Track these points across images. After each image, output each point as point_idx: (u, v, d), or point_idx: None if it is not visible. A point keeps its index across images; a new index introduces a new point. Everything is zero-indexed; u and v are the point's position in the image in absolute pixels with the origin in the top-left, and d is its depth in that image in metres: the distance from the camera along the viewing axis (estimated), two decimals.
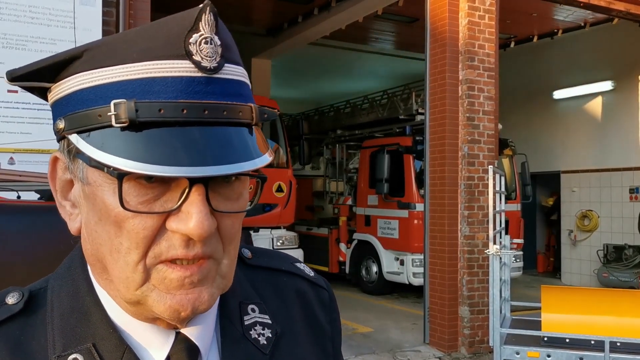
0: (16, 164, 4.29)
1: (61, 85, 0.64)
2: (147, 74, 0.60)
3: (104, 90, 0.60)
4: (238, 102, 0.64)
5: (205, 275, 0.63)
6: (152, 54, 0.60)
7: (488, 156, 7.03)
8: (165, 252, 0.61)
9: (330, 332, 0.84)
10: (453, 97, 6.97)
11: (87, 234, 0.66)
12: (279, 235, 8.82)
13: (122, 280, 0.62)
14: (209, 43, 0.61)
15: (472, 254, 6.89)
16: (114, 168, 0.58)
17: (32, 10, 4.45)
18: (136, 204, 0.60)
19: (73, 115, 0.62)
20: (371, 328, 8.00)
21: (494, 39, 7.11)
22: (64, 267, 0.71)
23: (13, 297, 0.67)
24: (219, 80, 0.62)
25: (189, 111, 0.60)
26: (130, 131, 0.59)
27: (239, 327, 0.73)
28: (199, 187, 0.60)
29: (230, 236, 0.65)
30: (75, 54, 0.63)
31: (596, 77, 11.69)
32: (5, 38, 4.36)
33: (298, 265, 0.87)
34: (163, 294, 0.61)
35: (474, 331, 6.86)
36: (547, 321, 4.52)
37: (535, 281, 11.90)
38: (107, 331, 0.65)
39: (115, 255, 0.62)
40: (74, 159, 0.65)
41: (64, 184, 0.68)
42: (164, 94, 0.59)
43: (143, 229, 0.60)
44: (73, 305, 0.66)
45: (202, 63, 0.60)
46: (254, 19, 10.96)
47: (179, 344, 0.67)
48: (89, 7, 4.60)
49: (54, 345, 0.64)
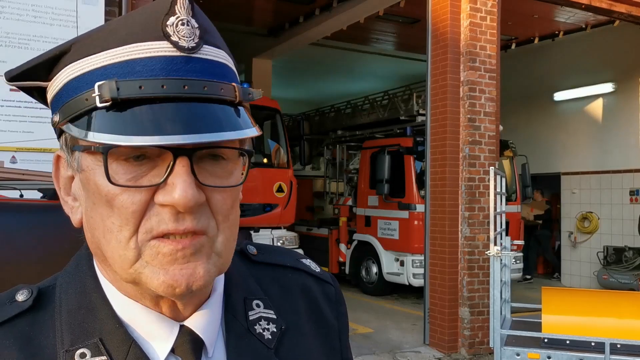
0: (18, 163, 4.30)
1: (55, 81, 0.67)
2: (128, 56, 0.63)
3: (90, 76, 0.63)
4: (220, 80, 0.65)
5: (198, 249, 0.63)
6: (132, 38, 0.63)
7: (489, 157, 7.03)
8: (155, 227, 0.62)
9: (337, 327, 0.85)
10: (454, 98, 6.98)
11: (87, 223, 0.68)
12: (279, 235, 8.82)
13: (116, 260, 0.63)
14: (185, 25, 0.63)
15: (472, 255, 6.89)
16: (99, 144, 0.61)
17: (35, 9, 4.46)
18: (124, 181, 0.62)
19: (65, 106, 0.65)
20: (371, 329, 8.01)
21: (496, 41, 7.11)
22: (71, 265, 0.73)
23: (22, 294, 0.69)
24: (199, 60, 0.64)
25: (168, 87, 0.61)
26: (115, 111, 0.62)
27: (243, 322, 0.74)
28: (183, 159, 0.61)
29: (223, 212, 0.66)
30: (65, 48, 0.66)
31: (597, 79, 11.70)
32: (7, 37, 4.37)
33: (304, 261, 0.88)
34: (156, 269, 0.62)
35: (474, 332, 6.86)
36: (548, 323, 4.52)
37: (535, 283, 11.91)
38: (113, 326, 0.66)
39: (108, 236, 0.63)
40: (71, 152, 0.67)
41: (66, 181, 0.71)
42: (144, 73, 0.62)
43: (132, 204, 0.62)
44: (80, 301, 0.68)
45: (179, 43, 0.63)
46: (255, 19, 10.97)
47: (183, 336, 0.68)
48: (92, 6, 4.60)
49: (62, 340, 0.65)
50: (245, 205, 8.36)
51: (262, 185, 8.60)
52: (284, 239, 8.81)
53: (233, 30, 10.83)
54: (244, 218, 8.27)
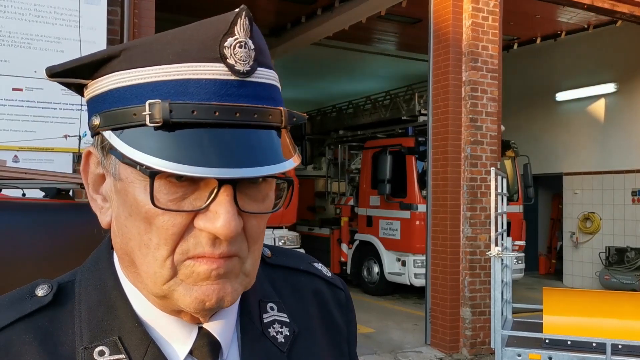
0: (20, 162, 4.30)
1: (98, 82, 0.66)
2: (182, 75, 0.61)
3: (140, 89, 0.62)
4: (269, 105, 0.65)
5: (231, 269, 0.64)
6: (187, 56, 0.62)
7: (491, 157, 7.02)
8: (192, 249, 0.62)
9: (346, 333, 0.85)
10: (456, 98, 6.97)
11: (117, 228, 0.67)
12: (280, 235, 8.82)
13: (150, 275, 0.64)
14: (243, 47, 0.63)
15: (474, 255, 6.89)
16: (146, 166, 0.60)
17: (37, 8, 4.47)
18: (166, 202, 0.61)
19: (108, 113, 0.64)
20: (372, 329, 8.01)
21: (498, 41, 7.11)
22: (91, 260, 0.73)
23: (42, 289, 0.69)
24: (251, 84, 0.64)
25: (221, 113, 0.61)
26: (164, 131, 0.61)
27: (258, 324, 0.74)
28: (228, 188, 0.61)
29: (255, 236, 0.66)
30: (113, 53, 0.64)
31: (599, 79, 11.68)
32: (10, 36, 4.38)
33: (316, 265, 0.89)
34: (190, 286, 0.63)
35: (475, 332, 6.86)
36: (549, 323, 4.52)
37: (537, 283, 11.90)
38: (132, 325, 0.67)
39: (144, 250, 0.63)
40: (107, 155, 0.66)
41: (96, 178, 0.70)
42: (197, 95, 0.61)
43: (172, 226, 0.62)
44: (100, 298, 0.68)
45: (235, 67, 0.62)
46: (257, 19, 10.77)
47: (201, 338, 0.68)
48: (94, 5, 4.61)
49: (81, 337, 0.65)
50: None
51: None
52: (286, 239, 8.81)
53: None
54: None
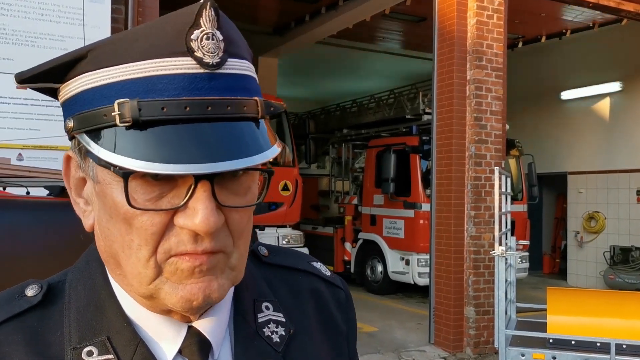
0: (25, 160, 4.31)
1: (69, 85, 0.65)
2: (150, 72, 0.60)
3: (108, 90, 0.61)
4: (243, 96, 0.63)
5: (215, 265, 0.63)
6: (154, 52, 0.60)
7: (495, 156, 7.01)
8: (174, 247, 0.61)
9: (345, 332, 0.85)
10: (460, 96, 6.96)
11: (100, 231, 0.67)
12: (284, 233, 8.83)
13: (135, 276, 0.63)
14: (210, 39, 0.61)
15: (478, 254, 6.87)
16: (119, 167, 0.59)
17: (42, 7, 4.47)
18: (143, 202, 0.60)
19: (80, 115, 0.63)
20: (376, 328, 8.00)
21: (502, 39, 7.09)
22: (82, 261, 0.72)
23: (32, 289, 0.68)
24: (222, 76, 0.62)
25: (191, 108, 0.60)
26: (135, 130, 0.60)
27: (252, 324, 0.73)
28: (205, 184, 0.60)
29: (239, 230, 0.65)
30: (80, 54, 0.63)
31: (604, 78, 11.64)
32: (15, 35, 4.38)
33: (314, 264, 0.87)
34: (175, 285, 0.62)
35: (479, 332, 6.85)
36: (553, 323, 4.51)
37: (541, 283, 11.87)
38: (121, 325, 0.66)
39: (127, 251, 0.63)
40: (84, 158, 0.66)
41: (77, 182, 0.69)
42: (166, 91, 0.60)
43: (151, 226, 0.61)
44: (89, 298, 0.68)
45: (204, 59, 0.61)
46: (261, 18, 10.97)
47: (190, 337, 0.67)
48: (98, 4, 4.61)
49: (70, 337, 0.65)
50: None
51: None
52: (289, 238, 8.81)
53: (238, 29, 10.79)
54: None
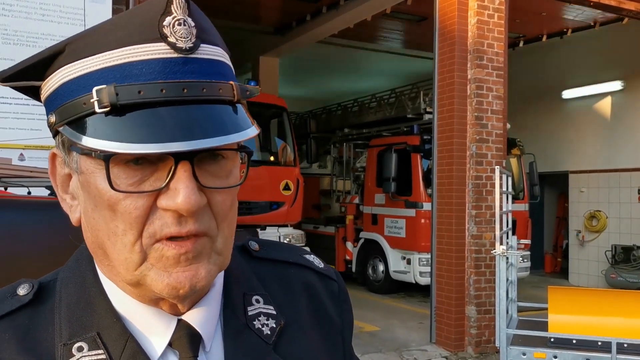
0: (26, 160, 4.32)
1: (49, 81, 0.66)
2: (125, 59, 0.62)
3: (86, 79, 0.63)
4: (218, 80, 0.65)
5: (200, 251, 0.64)
6: (128, 40, 0.62)
7: (496, 155, 7.01)
8: (159, 230, 0.62)
9: (340, 325, 0.84)
10: (461, 96, 6.96)
11: (86, 222, 0.68)
12: (285, 233, 8.83)
13: (121, 262, 0.64)
14: (182, 24, 0.62)
15: (479, 253, 6.87)
16: (100, 151, 0.61)
17: (43, 7, 4.48)
18: (126, 186, 0.62)
19: (61, 108, 0.64)
20: (377, 327, 8.01)
21: (503, 38, 7.09)
22: (73, 260, 0.73)
23: (24, 288, 0.69)
24: (197, 60, 0.63)
25: (167, 90, 0.61)
26: (114, 116, 0.61)
27: (242, 317, 0.73)
28: (185, 164, 0.61)
29: (222, 213, 0.66)
30: (58, 49, 0.65)
31: (605, 77, 11.63)
32: (16, 35, 4.39)
33: (307, 257, 0.87)
34: (161, 272, 0.63)
35: (480, 331, 6.85)
36: (554, 322, 4.51)
37: (543, 282, 11.86)
38: (110, 320, 0.67)
39: (112, 238, 0.63)
40: (68, 152, 0.67)
41: (63, 179, 0.71)
42: (142, 76, 0.61)
43: (135, 209, 0.62)
44: (79, 295, 0.69)
45: (177, 44, 0.62)
46: (262, 17, 10.97)
47: (180, 330, 0.68)
48: (99, 4, 4.62)
49: (60, 334, 0.66)
50: (252, 203, 8.37)
51: (269, 183, 8.60)
52: (291, 237, 8.82)
53: (240, 29, 10.83)
54: (250, 216, 8.29)
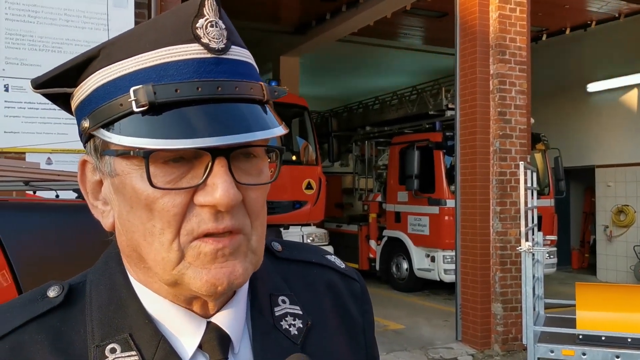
0: (54, 164, 4.40)
1: (83, 86, 0.67)
2: (161, 60, 0.63)
3: (123, 81, 0.64)
4: (249, 80, 0.67)
5: (237, 247, 0.65)
6: (163, 41, 0.64)
7: (520, 151, 6.93)
8: (196, 227, 0.63)
9: (362, 324, 0.84)
10: (484, 91, 6.89)
11: (121, 226, 0.68)
12: (308, 232, 8.85)
13: (159, 262, 0.64)
14: (214, 26, 0.64)
15: (504, 250, 6.81)
16: (139, 148, 0.62)
17: (67, 13, 4.56)
18: (164, 184, 0.63)
19: (96, 111, 0.65)
20: (402, 325, 7.98)
21: (526, 32, 7.00)
22: (101, 261, 0.74)
23: (54, 290, 0.70)
24: (228, 61, 0.65)
25: (203, 89, 0.63)
26: (151, 115, 0.62)
27: (269, 318, 0.74)
28: (221, 160, 0.63)
29: (256, 211, 0.67)
30: (92, 54, 0.66)
31: (631, 69, 11.40)
32: (42, 41, 4.48)
33: (329, 257, 0.88)
34: (199, 269, 0.64)
35: (507, 328, 6.78)
36: (582, 319, 4.44)
37: (570, 278, 11.69)
38: (142, 322, 0.67)
39: (149, 238, 0.64)
40: (101, 157, 0.67)
41: (94, 185, 0.71)
42: (178, 76, 0.63)
43: (173, 207, 0.63)
44: (110, 297, 0.69)
45: (210, 45, 0.64)
46: (282, 17, 11.00)
47: (210, 332, 0.69)
48: (122, 9, 4.68)
49: (92, 336, 0.67)
50: (275, 202, 8.41)
51: (291, 183, 8.63)
52: (314, 236, 8.84)
53: (260, 29, 10.88)
54: (273, 215, 8.32)
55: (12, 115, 4.43)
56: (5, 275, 1.51)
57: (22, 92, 4.42)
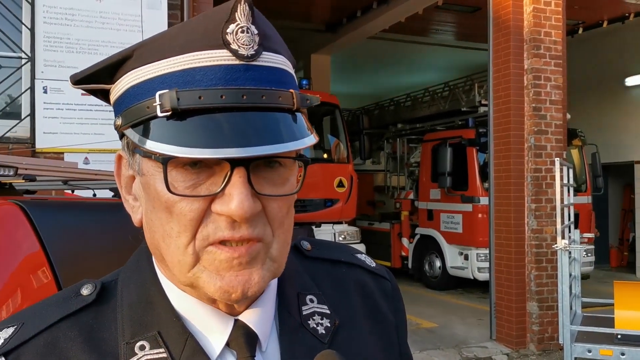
0: (91, 164, 4.51)
1: (118, 84, 0.69)
2: (188, 64, 0.63)
3: (151, 84, 0.64)
4: (278, 88, 0.65)
5: (254, 257, 0.64)
6: (192, 46, 0.63)
7: (556, 147, 6.80)
8: (212, 234, 0.63)
9: (394, 322, 0.84)
10: (518, 87, 6.79)
11: (146, 223, 0.70)
12: (340, 230, 8.85)
13: (175, 264, 0.65)
14: (245, 32, 0.63)
15: (540, 248, 6.70)
16: (159, 153, 0.62)
17: (103, 15, 4.66)
18: (183, 189, 0.63)
19: (127, 111, 0.67)
20: (435, 323, 7.92)
21: (561, 26, 6.87)
22: (132, 260, 0.76)
23: (87, 288, 0.72)
24: (258, 68, 0.64)
25: (227, 97, 0.62)
26: (175, 120, 0.63)
27: (297, 316, 0.74)
28: (240, 170, 0.62)
29: (279, 220, 0.67)
30: (127, 54, 0.67)
31: None
32: (78, 43, 4.59)
33: (358, 256, 0.87)
34: (213, 275, 0.64)
35: (543, 327, 6.68)
36: (621, 318, 4.35)
37: (609, 276, 11.43)
38: (170, 319, 0.68)
39: (167, 240, 0.65)
40: (132, 154, 0.69)
41: (127, 180, 0.73)
42: (204, 82, 0.62)
43: (190, 212, 0.63)
44: (140, 295, 0.71)
45: (239, 51, 0.63)
46: (313, 15, 11.02)
47: (237, 330, 0.69)
48: (155, 10, 4.76)
49: (123, 333, 0.68)
50: (307, 200, 8.43)
51: (323, 181, 8.64)
52: (346, 234, 8.83)
53: (291, 28, 10.92)
54: (305, 213, 8.35)
55: (51, 116, 4.55)
56: (46, 272, 1.56)
57: (60, 93, 4.54)
